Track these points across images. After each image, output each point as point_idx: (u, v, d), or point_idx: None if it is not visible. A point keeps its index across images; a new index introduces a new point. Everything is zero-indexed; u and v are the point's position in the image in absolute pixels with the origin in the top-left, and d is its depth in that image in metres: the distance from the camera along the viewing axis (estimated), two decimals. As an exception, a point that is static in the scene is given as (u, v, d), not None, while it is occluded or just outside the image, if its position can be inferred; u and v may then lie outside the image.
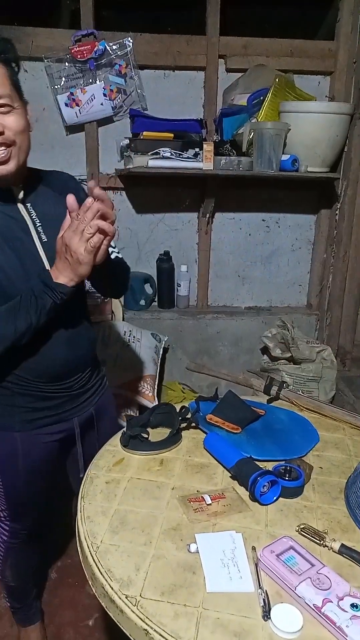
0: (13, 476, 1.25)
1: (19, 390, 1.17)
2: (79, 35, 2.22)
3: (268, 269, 2.74)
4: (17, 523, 1.36)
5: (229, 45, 2.36)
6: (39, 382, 1.18)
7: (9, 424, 1.20)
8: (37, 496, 1.33)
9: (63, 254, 1.02)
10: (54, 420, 1.24)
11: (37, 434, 1.23)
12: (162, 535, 0.92)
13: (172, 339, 2.62)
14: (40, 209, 1.13)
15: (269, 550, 0.85)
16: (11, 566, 1.44)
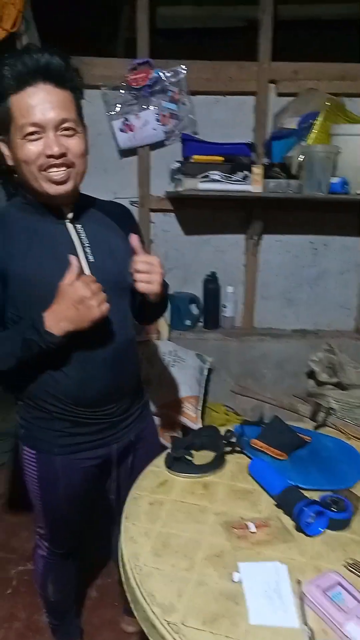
0: (53, 498, 1.26)
1: (58, 415, 1.17)
2: (134, 64, 2.31)
3: (315, 291, 2.70)
4: (55, 543, 1.38)
5: (280, 70, 2.38)
6: (78, 408, 1.17)
7: (49, 447, 1.21)
8: (75, 518, 1.34)
9: (73, 301, 1.00)
10: (93, 446, 1.23)
11: (75, 459, 1.22)
12: (204, 561, 0.91)
13: (216, 360, 2.61)
14: (90, 230, 1.16)
15: (315, 584, 0.82)
16: (52, 582, 1.45)
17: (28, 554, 2.05)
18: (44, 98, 1.00)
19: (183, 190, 2.22)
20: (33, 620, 1.76)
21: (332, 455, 1.27)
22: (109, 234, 1.20)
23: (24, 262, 1.07)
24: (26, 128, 1.00)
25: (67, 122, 1.03)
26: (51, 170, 1.04)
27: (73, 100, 1.05)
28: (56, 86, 1.01)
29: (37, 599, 1.82)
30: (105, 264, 1.15)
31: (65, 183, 1.06)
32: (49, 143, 1.01)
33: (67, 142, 1.04)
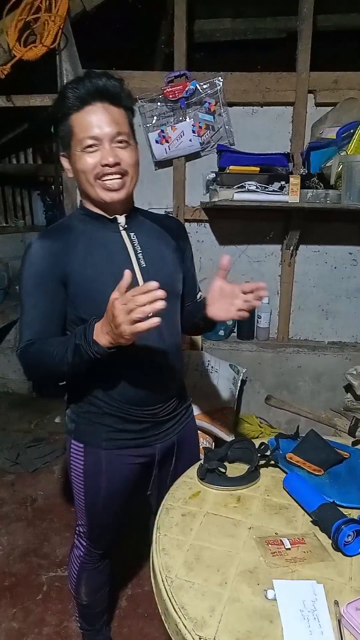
0: (96, 493, 1.31)
1: (108, 410, 1.24)
2: (171, 76, 2.33)
3: (354, 303, 2.64)
4: (94, 542, 1.41)
5: (319, 80, 2.36)
6: (127, 405, 1.24)
7: (96, 441, 1.27)
8: (115, 516, 1.38)
9: (109, 318, 1.01)
10: (137, 444, 1.28)
11: (120, 454, 1.28)
12: (238, 577, 0.89)
13: (250, 371, 2.58)
14: (142, 238, 1.24)
15: (354, 607, 0.79)
16: (86, 584, 1.48)
17: (59, 560, 2.06)
18: (101, 115, 1.11)
19: (218, 200, 2.21)
20: (63, 626, 1.76)
21: (371, 472, 1.22)
22: (160, 243, 1.28)
23: (83, 266, 1.16)
24: (85, 141, 1.11)
25: (120, 135, 1.13)
26: (106, 179, 1.14)
27: (126, 117, 1.16)
28: (111, 104, 1.13)
29: (68, 606, 1.83)
30: (156, 269, 1.22)
31: (119, 190, 1.16)
32: (105, 154, 1.12)
33: (121, 153, 1.14)
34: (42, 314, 1.16)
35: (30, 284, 1.16)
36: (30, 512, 2.39)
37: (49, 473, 2.71)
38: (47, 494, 2.53)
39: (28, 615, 1.81)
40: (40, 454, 2.85)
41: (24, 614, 1.81)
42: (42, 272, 1.15)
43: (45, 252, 1.16)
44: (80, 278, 1.15)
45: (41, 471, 2.72)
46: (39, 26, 2.19)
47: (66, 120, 1.14)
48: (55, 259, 1.15)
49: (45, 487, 2.59)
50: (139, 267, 1.20)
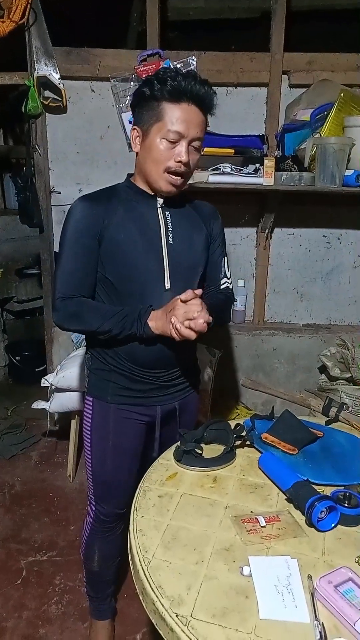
0: (103, 446, 1.40)
1: (115, 368, 1.36)
2: (144, 55, 2.29)
3: (328, 285, 2.67)
4: (102, 506, 1.46)
5: (293, 61, 2.35)
6: (133, 365, 1.34)
7: (103, 396, 1.39)
8: (121, 477, 1.43)
9: (167, 310, 1.22)
10: (139, 403, 1.38)
11: (124, 410, 1.38)
12: (214, 555, 0.91)
13: (226, 354, 2.60)
14: (175, 218, 1.34)
15: (327, 580, 0.81)
16: (96, 551, 1.52)
17: (38, 545, 2.07)
18: (191, 116, 1.20)
19: (193, 182, 2.20)
20: (43, 610, 1.77)
21: (344, 451, 1.25)
22: (191, 225, 1.38)
23: (117, 230, 1.27)
24: (171, 134, 1.20)
25: (198, 141, 1.24)
26: (173, 174, 1.24)
27: (205, 123, 1.26)
28: (201, 110, 1.22)
29: (47, 590, 1.84)
30: (181, 248, 1.33)
31: (179, 187, 1.28)
32: (181, 152, 1.21)
33: (192, 156, 1.24)
34: (81, 265, 1.29)
35: (71, 238, 1.28)
36: (7, 498, 2.38)
37: (26, 459, 2.70)
38: (25, 480, 2.52)
39: (8, 601, 1.81)
40: (18, 440, 2.83)
41: (4, 599, 1.81)
42: (82, 228, 1.27)
43: (87, 210, 1.28)
44: (112, 239, 1.27)
45: (18, 457, 2.70)
46: (6, 0, 2.11)
47: (156, 102, 1.20)
48: (95, 218, 1.27)
49: (23, 473, 2.57)
50: (166, 243, 1.30)
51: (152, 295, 1.29)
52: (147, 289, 1.29)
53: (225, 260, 1.49)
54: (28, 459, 2.70)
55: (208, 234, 1.42)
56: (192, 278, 1.38)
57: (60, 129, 2.44)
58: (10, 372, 3.71)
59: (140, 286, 1.29)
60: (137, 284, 1.29)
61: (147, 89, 1.21)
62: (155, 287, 1.30)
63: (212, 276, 1.47)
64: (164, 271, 1.30)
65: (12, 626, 1.71)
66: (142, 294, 1.29)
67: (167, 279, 1.30)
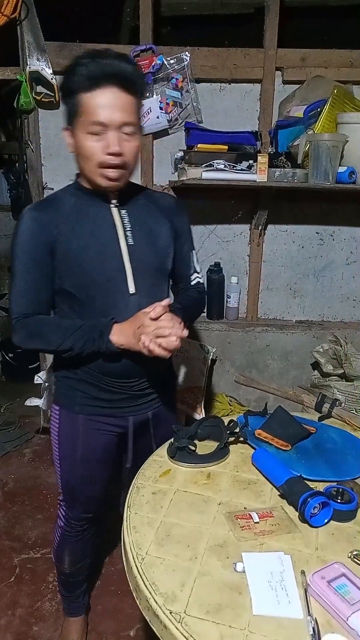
0: (71, 457, 1.35)
1: (84, 377, 1.28)
2: (137, 50, 2.27)
3: (321, 282, 2.68)
4: (70, 510, 1.44)
5: (286, 57, 2.34)
6: (102, 375, 1.27)
7: (71, 405, 1.32)
8: (91, 487, 1.39)
9: (134, 326, 1.15)
10: (110, 413, 1.32)
11: (93, 420, 1.31)
12: (207, 552, 0.91)
13: (220, 351, 2.60)
14: (134, 216, 1.25)
15: (320, 575, 0.82)
16: (67, 554, 1.51)
17: (32, 542, 2.06)
18: (111, 100, 1.08)
19: (187, 179, 2.19)
20: (36, 607, 1.77)
21: (337, 447, 1.26)
22: (152, 221, 1.28)
23: (69, 239, 1.19)
24: (92, 126, 1.09)
25: (128, 126, 1.11)
26: (108, 168, 1.13)
27: (135, 105, 1.13)
28: (123, 90, 1.09)
29: (41, 587, 1.84)
30: (143, 248, 1.24)
31: (118, 180, 1.16)
32: (109, 142, 1.10)
33: (125, 145, 1.12)
34: (33, 282, 1.21)
35: (21, 253, 1.20)
36: (1, 495, 2.37)
37: (20, 456, 2.69)
38: (18, 477, 2.51)
39: (1, 598, 1.80)
40: (11, 437, 2.82)
41: (-3, 597, 1.81)
42: (31, 241, 1.19)
43: (35, 222, 1.19)
44: (65, 250, 1.18)
45: (12, 455, 2.70)
46: (-3, -6, 2.09)
47: (73, 96, 1.10)
48: (44, 230, 1.18)
49: (17, 470, 2.57)
50: (126, 244, 1.22)
51: (116, 302, 1.22)
52: (110, 296, 1.21)
53: (194, 255, 1.42)
54: (21, 456, 2.69)
55: (172, 229, 1.32)
56: (159, 278, 1.30)
57: (53, 124, 2.41)
58: (3, 369, 3.69)
59: (103, 294, 1.21)
60: (99, 293, 1.21)
61: (64, 84, 1.12)
62: (118, 293, 1.22)
63: (181, 273, 1.41)
64: (126, 274, 1.22)
65: (5, 624, 1.71)
66: (105, 302, 1.21)
67: (130, 283, 1.22)
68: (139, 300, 1.22)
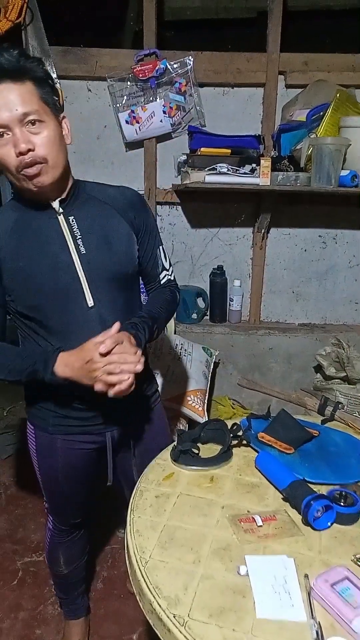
0: (51, 473, 1.31)
1: (52, 397, 1.21)
2: (141, 55, 2.29)
3: (323, 285, 2.68)
4: (57, 518, 1.44)
5: (289, 61, 2.35)
6: (69, 395, 1.19)
7: (44, 425, 1.25)
8: (76, 497, 1.38)
9: (83, 359, 1.05)
10: (84, 431, 1.25)
11: (68, 440, 1.25)
12: (211, 555, 0.91)
13: (223, 354, 2.60)
14: (84, 221, 1.14)
15: (323, 579, 0.82)
16: (59, 555, 1.50)
17: (34, 545, 2.06)
18: (4, 96, 0.99)
19: (190, 183, 2.20)
20: (39, 610, 1.77)
21: (340, 450, 1.26)
22: (107, 223, 1.17)
23: (15, 258, 1.10)
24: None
25: (29, 116, 1.01)
26: (28, 171, 1.03)
27: (35, 90, 1.02)
28: (12, 82, 1.00)
29: (44, 591, 1.84)
30: (97, 256, 1.14)
31: (39, 177, 1.05)
32: (15, 141, 1.01)
33: (33, 138, 1.02)
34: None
35: None
36: (3, 498, 2.37)
37: (22, 460, 2.69)
38: (21, 480, 2.51)
39: (4, 601, 1.80)
40: (13, 440, 2.82)
41: (0, 600, 1.81)
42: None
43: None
44: (13, 270, 1.10)
45: (14, 457, 2.70)
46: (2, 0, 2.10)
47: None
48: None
49: (19, 473, 2.57)
50: (77, 254, 1.12)
51: (74, 318, 1.13)
52: (68, 313, 1.12)
53: (161, 251, 1.30)
54: (24, 460, 2.69)
55: (132, 227, 1.20)
56: (120, 286, 1.18)
57: (57, 128, 2.43)
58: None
59: (59, 311, 1.12)
60: (55, 310, 1.12)
61: None
62: (76, 308, 1.12)
63: (148, 272, 1.30)
64: (82, 287, 1.12)
65: (8, 627, 1.71)
66: (63, 319, 1.12)
67: (88, 295, 1.13)
68: (99, 312, 1.14)
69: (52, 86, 1.07)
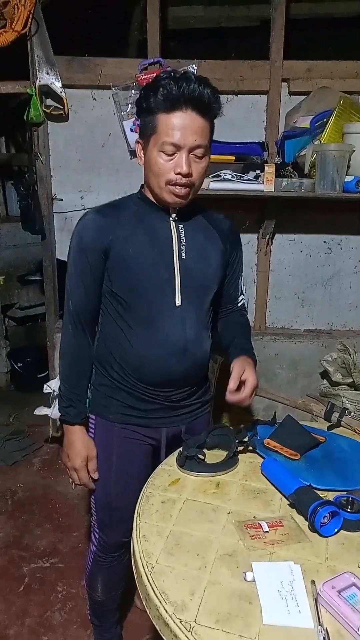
0: (107, 467, 1.34)
1: (120, 385, 1.30)
2: (145, 63, 2.31)
3: (329, 291, 2.68)
4: (105, 534, 1.41)
5: (292, 68, 2.37)
6: (139, 383, 1.28)
7: (105, 414, 1.33)
8: (126, 503, 1.30)
9: (82, 453, 1.33)
10: (144, 423, 1.32)
11: (127, 429, 1.32)
12: (217, 561, 0.91)
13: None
14: (190, 232, 1.27)
15: (330, 585, 0.81)
16: (100, 581, 1.47)
17: (40, 551, 2.07)
18: (188, 124, 1.12)
19: (195, 189, 2.21)
20: (46, 617, 1.77)
21: (346, 456, 1.25)
22: (207, 241, 1.31)
23: (125, 244, 1.22)
24: (166, 146, 1.13)
25: (199, 148, 1.15)
26: (175, 187, 1.17)
27: (209, 128, 1.17)
28: (199, 114, 1.12)
29: (50, 597, 1.84)
30: (195, 264, 1.26)
31: (184, 198, 1.20)
32: (181, 163, 1.14)
33: (195, 166, 1.16)
34: (82, 282, 1.26)
35: (75, 254, 1.25)
36: (10, 504, 2.38)
37: (28, 465, 2.70)
38: (27, 486, 2.52)
39: (10, 607, 1.80)
40: (20, 446, 2.83)
41: (6, 606, 1.81)
42: (86, 243, 1.23)
43: (94, 225, 1.23)
44: (120, 253, 1.22)
45: (20, 464, 2.71)
46: (8, 10, 2.13)
47: (151, 114, 1.14)
48: (102, 233, 1.22)
49: (25, 479, 2.57)
50: (178, 258, 1.24)
51: (161, 312, 1.24)
52: (156, 305, 1.23)
53: (242, 278, 1.45)
54: (30, 466, 2.70)
55: (225, 252, 1.34)
56: (204, 296, 1.31)
57: (62, 136, 2.45)
58: (12, 378, 3.71)
59: (149, 302, 1.23)
60: (146, 300, 1.23)
61: (143, 100, 1.16)
62: (164, 303, 1.24)
63: (230, 294, 1.44)
64: (175, 287, 1.24)
65: (14, 633, 1.71)
66: (150, 310, 1.23)
67: (178, 295, 1.24)
68: (182, 313, 1.25)
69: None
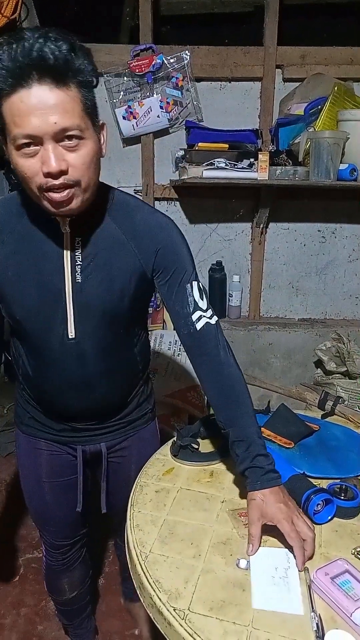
0: (31, 479, 1.28)
1: (31, 401, 1.19)
2: (137, 49, 2.28)
3: (323, 280, 2.68)
4: (45, 537, 1.35)
5: (286, 55, 2.34)
6: (43, 414, 1.18)
7: (19, 424, 1.26)
8: (57, 510, 1.28)
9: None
10: (54, 439, 1.20)
11: (37, 441, 1.23)
12: (211, 549, 0.91)
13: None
14: (91, 247, 0.99)
15: (323, 572, 0.82)
16: (64, 582, 1.42)
17: (35, 542, 2.07)
18: (38, 103, 0.78)
19: (188, 178, 2.19)
20: (41, 606, 1.77)
21: (340, 444, 1.26)
22: (115, 257, 1.00)
23: (5, 266, 0.98)
24: (19, 140, 0.81)
25: (69, 131, 0.81)
26: (51, 194, 0.86)
27: (79, 97, 0.82)
28: (53, 83, 0.78)
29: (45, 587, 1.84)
30: (93, 288, 0.99)
31: (70, 203, 0.88)
32: (46, 159, 0.82)
33: (69, 157, 0.84)
34: None
35: None
36: (4, 495, 2.37)
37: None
38: (22, 477, 2.51)
39: (6, 598, 1.81)
40: (13, 438, 2.81)
41: (2, 597, 1.81)
42: None
43: None
44: (1, 277, 0.99)
45: (14, 455, 2.70)
46: (-3, -5, 2.09)
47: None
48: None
49: (20, 470, 2.57)
50: (71, 280, 0.97)
51: (50, 347, 1.02)
52: (43, 339, 1.02)
53: (194, 288, 1.06)
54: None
55: (145, 267, 1.02)
56: (111, 324, 1.03)
57: (54, 124, 2.42)
58: (6, 370, 3.69)
59: (37, 334, 1.02)
60: (33, 332, 1.02)
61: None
62: (54, 336, 1.01)
63: (177, 310, 1.06)
64: (66, 316, 0.99)
65: (10, 623, 1.71)
66: (39, 344, 1.03)
67: (70, 327, 1.00)
68: (79, 348, 1.02)
69: (95, 86, 0.87)
